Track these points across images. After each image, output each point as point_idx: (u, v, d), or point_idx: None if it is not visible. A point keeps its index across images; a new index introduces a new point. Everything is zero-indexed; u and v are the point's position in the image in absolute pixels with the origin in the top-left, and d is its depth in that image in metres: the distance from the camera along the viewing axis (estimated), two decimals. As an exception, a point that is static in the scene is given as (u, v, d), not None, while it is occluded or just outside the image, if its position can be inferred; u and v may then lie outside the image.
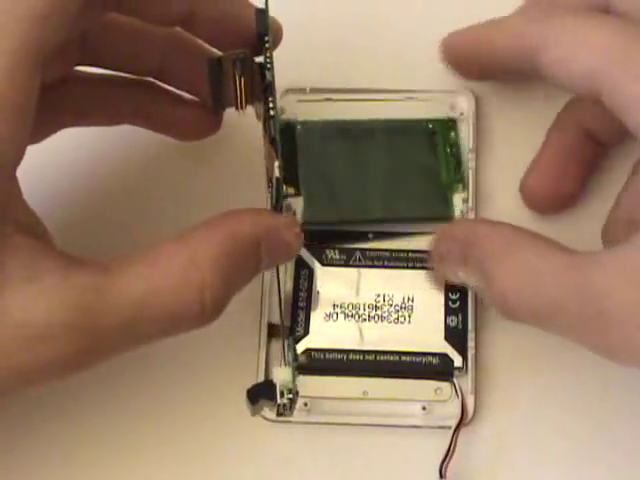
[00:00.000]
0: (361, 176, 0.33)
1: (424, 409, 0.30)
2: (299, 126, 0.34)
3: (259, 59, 0.28)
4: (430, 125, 0.34)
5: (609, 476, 0.30)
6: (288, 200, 0.32)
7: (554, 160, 0.32)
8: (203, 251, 0.26)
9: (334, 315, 0.31)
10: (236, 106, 0.29)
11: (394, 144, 0.34)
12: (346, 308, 0.32)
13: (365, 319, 0.31)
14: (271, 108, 0.27)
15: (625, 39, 0.27)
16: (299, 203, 0.33)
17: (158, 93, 0.32)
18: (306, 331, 0.31)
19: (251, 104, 0.29)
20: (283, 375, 0.26)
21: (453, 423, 0.30)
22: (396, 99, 0.34)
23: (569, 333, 0.27)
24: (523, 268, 0.27)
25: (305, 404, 0.30)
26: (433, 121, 0.34)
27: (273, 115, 0.27)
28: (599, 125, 0.32)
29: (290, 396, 0.25)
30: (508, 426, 0.31)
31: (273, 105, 0.27)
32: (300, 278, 0.32)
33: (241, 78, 0.28)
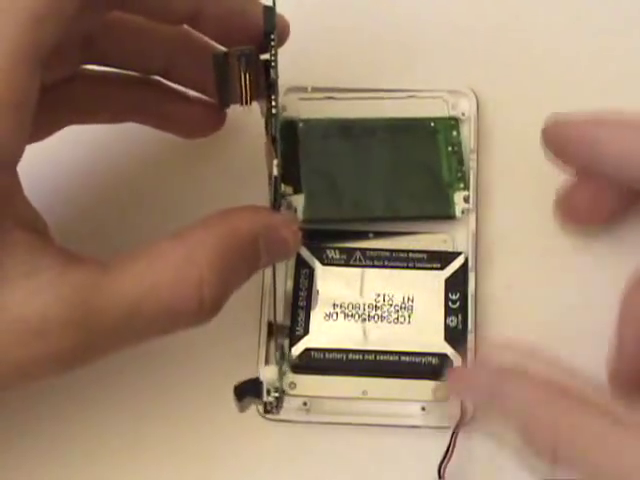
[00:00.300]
0: (362, 174, 0.33)
1: (423, 409, 0.31)
2: (301, 124, 0.34)
3: (264, 56, 0.28)
4: (432, 124, 0.34)
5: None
6: (289, 198, 0.33)
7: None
8: (201, 248, 0.26)
9: (334, 315, 0.31)
10: (241, 102, 0.29)
11: (396, 142, 0.34)
12: (346, 308, 0.32)
13: (365, 319, 0.31)
14: (273, 106, 0.27)
15: None
16: (300, 201, 0.33)
17: (162, 91, 0.32)
18: (306, 331, 0.31)
19: (256, 100, 0.29)
20: (270, 374, 0.26)
21: (452, 424, 0.30)
22: (398, 97, 0.34)
23: None
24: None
25: (304, 404, 0.31)
26: (435, 119, 0.34)
27: (275, 113, 0.27)
28: None
29: (276, 394, 0.25)
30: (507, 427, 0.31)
31: (275, 103, 0.27)
32: (300, 277, 0.32)
33: (246, 74, 0.28)
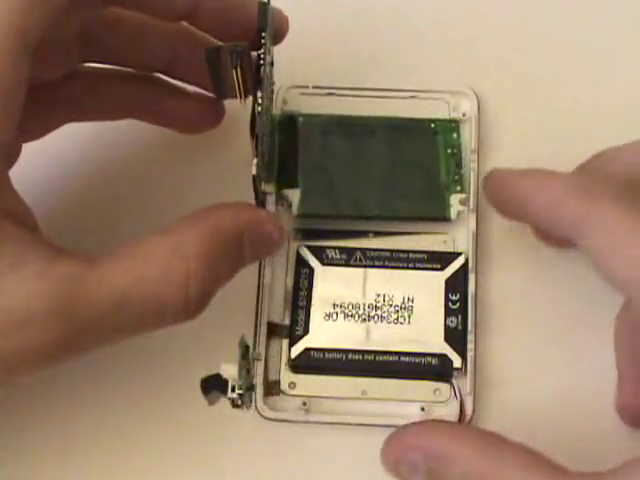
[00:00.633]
0: (360, 172, 0.33)
1: (423, 410, 0.30)
2: (301, 118, 0.34)
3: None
4: (432, 125, 0.34)
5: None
6: (285, 192, 0.33)
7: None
8: (187, 242, 0.26)
9: (334, 315, 0.31)
10: (235, 96, 0.29)
11: (395, 142, 0.34)
12: (346, 308, 0.31)
13: (365, 319, 0.31)
14: (259, 104, 0.27)
15: None
16: (296, 195, 0.33)
17: (160, 87, 0.32)
18: (306, 330, 0.31)
19: (251, 95, 0.29)
20: (230, 371, 0.25)
21: (451, 424, 0.30)
22: (399, 97, 0.34)
23: None
24: None
25: (304, 403, 0.30)
26: (435, 121, 0.34)
27: (260, 112, 0.27)
28: None
29: (240, 391, 0.25)
30: (507, 427, 0.31)
31: (261, 102, 0.27)
32: (300, 277, 0.32)
33: (237, 70, 0.28)
